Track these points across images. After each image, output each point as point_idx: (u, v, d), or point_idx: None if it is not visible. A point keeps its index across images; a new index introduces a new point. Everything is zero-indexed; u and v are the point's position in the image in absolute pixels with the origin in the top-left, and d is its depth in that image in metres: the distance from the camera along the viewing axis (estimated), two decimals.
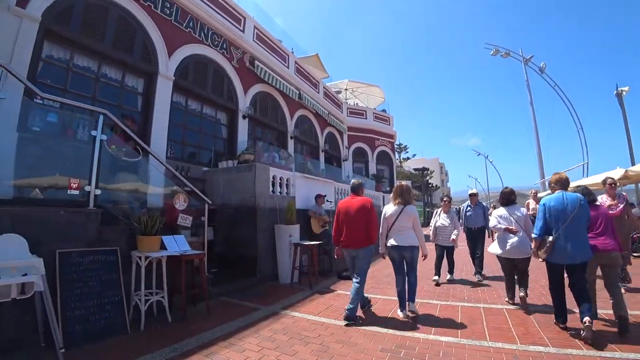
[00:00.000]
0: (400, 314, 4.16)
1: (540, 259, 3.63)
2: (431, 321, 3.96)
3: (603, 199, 5.10)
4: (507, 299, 4.60)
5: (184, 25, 7.75)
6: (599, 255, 3.47)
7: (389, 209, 4.38)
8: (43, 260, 3.03)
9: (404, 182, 4.82)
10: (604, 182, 5.29)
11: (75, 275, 3.48)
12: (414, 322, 3.96)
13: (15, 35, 4.90)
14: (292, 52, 12.63)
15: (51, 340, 3.13)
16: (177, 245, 4.32)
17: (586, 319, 3.11)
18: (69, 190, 3.69)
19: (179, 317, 4.06)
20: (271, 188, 6.57)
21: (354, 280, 4.18)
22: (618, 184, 5.33)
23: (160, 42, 7.11)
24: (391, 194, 4.54)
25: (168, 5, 7.36)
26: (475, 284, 5.82)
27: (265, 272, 6.06)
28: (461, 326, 3.76)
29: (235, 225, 6.13)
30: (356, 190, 4.48)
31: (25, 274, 2.93)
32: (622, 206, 4.98)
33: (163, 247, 4.13)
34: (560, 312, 3.53)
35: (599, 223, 3.60)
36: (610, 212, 4.79)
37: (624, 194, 5.64)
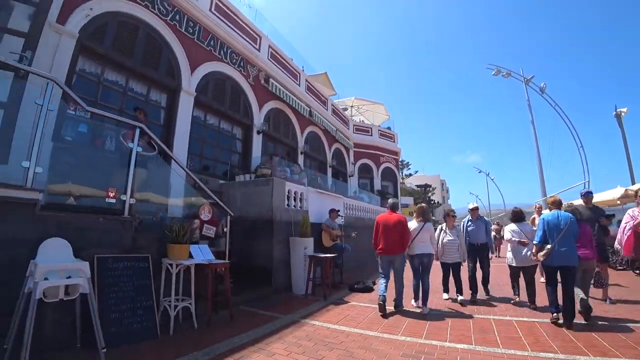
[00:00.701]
0: (413, 303, 5.33)
1: (540, 264, 4.60)
2: (445, 330, 4.14)
3: (635, 212, 4.94)
4: (514, 296, 5.51)
5: (205, 43, 8.17)
6: (581, 263, 4.44)
7: (412, 224, 5.35)
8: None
9: (424, 204, 5.78)
10: (637, 194, 5.21)
11: (111, 280, 3.66)
12: (430, 330, 4.14)
13: (54, 49, 5.25)
14: (303, 70, 13.09)
15: (87, 341, 3.31)
16: (202, 254, 4.51)
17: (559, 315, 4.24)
18: (106, 199, 3.91)
19: (204, 323, 4.20)
20: (286, 202, 6.79)
21: (396, 281, 5.23)
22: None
23: (184, 59, 7.49)
24: (414, 213, 5.63)
25: (192, 25, 7.78)
26: (483, 300, 5.88)
27: (280, 283, 6.22)
28: (474, 335, 3.93)
29: (252, 237, 6.32)
30: (393, 208, 5.47)
31: (69, 277, 3.13)
32: None
33: (189, 255, 4.31)
34: (553, 304, 4.35)
35: (580, 238, 4.56)
36: None
37: None
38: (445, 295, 5.96)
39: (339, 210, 7.84)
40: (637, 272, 8.34)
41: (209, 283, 4.26)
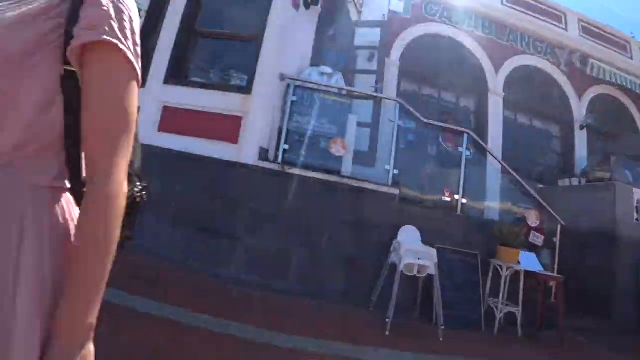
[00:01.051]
0: None
1: None
2: None
3: None
4: None
5: (505, 39, 7.74)
6: None
7: None
8: None
9: None
10: None
11: (447, 269, 4.12)
12: None
13: (386, 76, 6.59)
14: (632, 37, 9.65)
15: (423, 315, 3.91)
16: (530, 262, 4.25)
17: None
18: (443, 197, 4.48)
19: (527, 335, 3.97)
20: (635, 215, 5.26)
21: None
22: None
23: (486, 60, 7.43)
24: None
25: (487, 25, 7.59)
26: None
27: (624, 319, 4.85)
28: None
29: (581, 252, 5.27)
30: None
31: (419, 258, 3.77)
32: None
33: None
34: None
35: None
36: None
37: None
38: None
39: None
40: None
41: (540, 294, 3.96)
